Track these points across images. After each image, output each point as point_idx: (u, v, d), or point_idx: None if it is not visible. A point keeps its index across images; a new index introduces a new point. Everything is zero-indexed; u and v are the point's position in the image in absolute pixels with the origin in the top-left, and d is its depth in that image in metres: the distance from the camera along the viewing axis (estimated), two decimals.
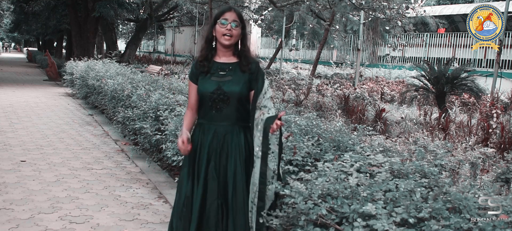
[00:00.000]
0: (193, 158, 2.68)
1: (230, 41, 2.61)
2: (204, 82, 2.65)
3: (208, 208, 2.59)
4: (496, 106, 8.10)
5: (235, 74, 2.64)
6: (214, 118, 2.64)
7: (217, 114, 2.63)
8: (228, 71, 2.65)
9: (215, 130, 2.63)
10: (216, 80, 2.63)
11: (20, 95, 12.86)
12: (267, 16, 23.30)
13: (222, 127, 2.62)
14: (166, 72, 16.03)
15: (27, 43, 67.07)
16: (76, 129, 8.19)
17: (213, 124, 2.64)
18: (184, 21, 32.88)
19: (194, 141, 2.68)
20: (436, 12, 23.60)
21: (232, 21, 2.59)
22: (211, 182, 2.61)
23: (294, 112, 7.49)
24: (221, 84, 2.62)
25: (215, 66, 2.66)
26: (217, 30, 2.63)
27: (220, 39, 2.62)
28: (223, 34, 2.60)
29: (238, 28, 2.62)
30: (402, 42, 19.09)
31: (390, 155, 3.27)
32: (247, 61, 2.65)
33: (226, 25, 2.59)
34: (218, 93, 2.61)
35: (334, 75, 18.84)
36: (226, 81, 2.62)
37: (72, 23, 19.81)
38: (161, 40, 47.30)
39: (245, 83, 2.63)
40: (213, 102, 2.62)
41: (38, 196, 4.44)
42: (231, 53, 2.68)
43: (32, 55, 35.96)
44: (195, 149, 2.67)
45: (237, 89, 2.62)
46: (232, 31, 2.60)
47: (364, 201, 2.27)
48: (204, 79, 2.66)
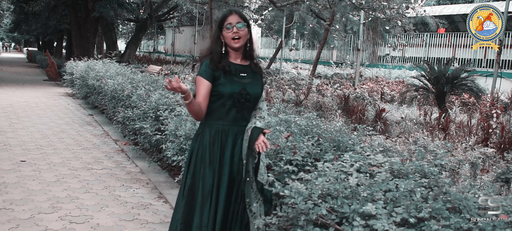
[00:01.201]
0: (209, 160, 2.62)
1: (239, 43, 2.62)
2: (228, 83, 2.59)
3: (232, 209, 2.62)
4: (496, 106, 8.10)
5: (253, 76, 2.68)
6: (235, 120, 2.63)
7: (238, 115, 2.63)
8: (247, 73, 2.67)
9: (236, 131, 2.63)
10: (239, 81, 2.62)
11: (20, 95, 12.86)
12: (267, 16, 23.32)
13: (241, 127, 2.64)
14: (166, 72, 16.04)
15: (27, 43, 67.06)
16: (76, 129, 8.19)
17: (233, 125, 2.63)
18: (184, 21, 32.87)
19: (205, 143, 2.62)
20: (436, 12, 23.61)
21: (237, 23, 2.60)
22: (236, 184, 2.63)
23: (294, 112, 7.49)
24: (245, 85, 2.62)
25: (234, 68, 2.65)
26: (225, 36, 2.63)
27: (230, 43, 2.62)
28: (232, 38, 2.60)
29: (244, 28, 2.63)
30: (402, 42, 19.07)
31: (390, 155, 3.27)
32: (255, 62, 2.71)
33: (232, 29, 2.60)
34: (243, 94, 2.61)
35: (334, 75, 18.84)
36: (248, 83, 2.64)
37: (72, 23, 19.81)
38: (161, 40, 47.29)
39: (262, 85, 2.71)
40: (236, 103, 2.60)
41: (38, 196, 4.44)
42: (241, 55, 2.69)
43: (32, 55, 35.96)
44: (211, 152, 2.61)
45: (258, 91, 2.67)
46: (239, 32, 2.60)
47: (364, 201, 2.27)
48: (227, 79, 2.59)
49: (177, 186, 4.88)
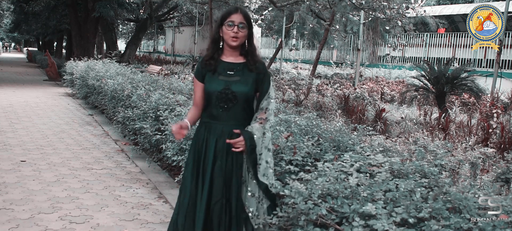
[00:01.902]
0: (198, 157, 2.67)
1: (237, 43, 2.63)
2: (211, 82, 2.65)
3: (212, 207, 2.60)
4: (496, 106, 8.10)
5: (243, 74, 2.66)
6: (221, 117, 2.64)
7: (224, 113, 2.63)
8: (236, 71, 2.66)
9: (222, 129, 2.63)
10: (224, 79, 2.64)
11: (20, 95, 12.86)
12: (267, 16, 23.30)
13: (229, 126, 2.63)
14: (166, 72, 16.03)
15: (27, 43, 67.07)
16: (76, 129, 8.19)
17: (220, 123, 2.64)
18: (184, 21, 32.87)
19: (200, 139, 2.68)
20: (436, 12, 23.61)
21: (239, 23, 2.60)
22: (217, 181, 2.61)
23: (294, 112, 7.49)
24: (229, 83, 2.62)
25: (222, 66, 2.67)
26: (224, 32, 2.64)
27: (228, 40, 2.63)
28: (231, 36, 2.61)
29: (244, 29, 2.63)
30: (402, 42, 19.07)
31: (390, 155, 3.27)
32: (254, 60, 2.68)
33: (233, 28, 2.60)
34: (226, 92, 2.61)
35: (334, 75, 18.84)
36: (234, 81, 2.63)
37: (72, 23, 19.81)
38: (161, 40, 47.29)
39: (253, 84, 2.66)
40: (220, 101, 2.62)
41: (38, 196, 4.44)
42: (238, 53, 2.69)
43: (32, 55, 35.97)
44: (200, 148, 2.66)
45: (245, 89, 2.63)
46: (239, 33, 2.61)
47: (364, 201, 2.27)
48: (212, 78, 2.66)
49: (177, 186, 4.88)
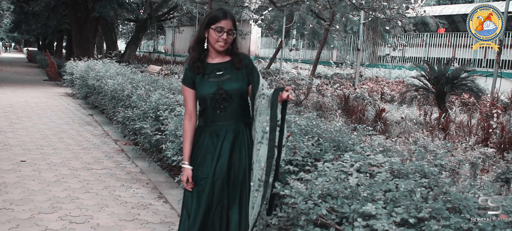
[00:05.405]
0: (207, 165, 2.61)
1: (224, 48, 2.60)
2: (202, 85, 2.61)
3: (214, 209, 2.58)
4: (496, 106, 8.10)
5: (231, 72, 2.63)
6: (220, 119, 2.61)
7: (222, 114, 2.61)
8: (224, 70, 2.63)
9: (226, 130, 2.61)
10: (215, 81, 2.61)
11: (20, 95, 12.86)
12: (267, 16, 23.32)
13: (230, 125, 2.61)
14: (166, 72, 16.03)
15: (27, 43, 67.06)
16: (76, 129, 8.19)
17: (220, 124, 2.61)
18: (184, 21, 32.84)
19: (201, 148, 2.62)
20: (436, 12, 23.60)
21: (228, 30, 2.57)
22: (218, 183, 2.58)
23: (294, 112, 7.49)
24: (221, 83, 2.60)
25: (209, 68, 2.63)
26: (210, 35, 2.59)
27: (214, 44, 2.59)
28: (218, 41, 2.58)
29: (232, 35, 2.60)
30: (402, 42, 19.08)
31: (390, 155, 3.27)
32: (239, 58, 2.65)
33: (222, 34, 2.56)
34: (220, 93, 2.59)
35: (334, 75, 18.83)
36: (225, 80, 2.61)
37: (72, 23, 19.80)
38: (161, 40, 47.27)
39: (244, 78, 2.63)
40: (216, 103, 2.59)
41: (38, 196, 4.44)
42: (223, 53, 2.66)
43: (32, 55, 35.97)
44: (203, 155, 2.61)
45: (237, 86, 2.61)
46: (227, 40, 2.58)
47: (364, 201, 2.27)
48: (202, 82, 2.61)
49: (177, 186, 4.88)
